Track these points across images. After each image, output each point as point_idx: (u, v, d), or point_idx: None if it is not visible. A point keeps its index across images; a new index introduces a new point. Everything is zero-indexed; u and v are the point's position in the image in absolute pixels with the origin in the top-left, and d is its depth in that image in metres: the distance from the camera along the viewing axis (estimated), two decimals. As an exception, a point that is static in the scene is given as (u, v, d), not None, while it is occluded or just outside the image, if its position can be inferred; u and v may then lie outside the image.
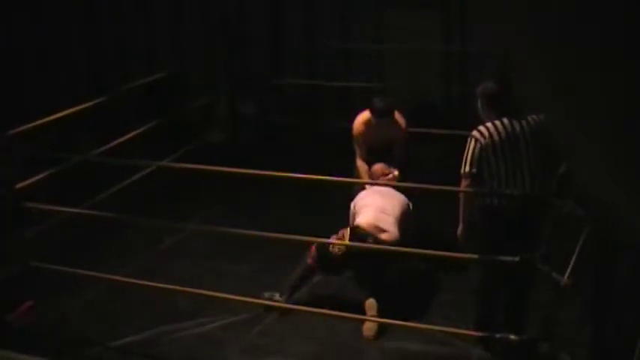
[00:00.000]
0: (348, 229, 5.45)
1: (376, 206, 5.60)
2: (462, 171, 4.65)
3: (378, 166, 6.04)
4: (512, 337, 4.75)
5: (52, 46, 9.55)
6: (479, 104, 4.78)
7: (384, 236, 5.41)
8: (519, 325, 4.79)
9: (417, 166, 7.40)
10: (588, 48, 1.44)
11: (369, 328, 5.18)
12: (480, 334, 4.86)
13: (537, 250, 4.58)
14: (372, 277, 5.44)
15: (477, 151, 4.59)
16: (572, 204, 4.81)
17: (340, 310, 5.18)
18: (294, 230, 6.00)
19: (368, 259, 5.36)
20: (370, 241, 5.34)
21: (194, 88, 9.16)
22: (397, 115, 6.27)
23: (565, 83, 1.45)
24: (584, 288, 4.78)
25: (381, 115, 6.11)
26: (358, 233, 5.38)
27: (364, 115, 6.26)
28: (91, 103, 6.70)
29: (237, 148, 8.38)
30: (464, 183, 4.67)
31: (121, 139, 6.93)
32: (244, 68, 9.21)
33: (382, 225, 5.46)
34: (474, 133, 4.63)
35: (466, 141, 4.77)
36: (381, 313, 5.21)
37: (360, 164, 6.30)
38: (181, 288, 5.36)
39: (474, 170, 4.59)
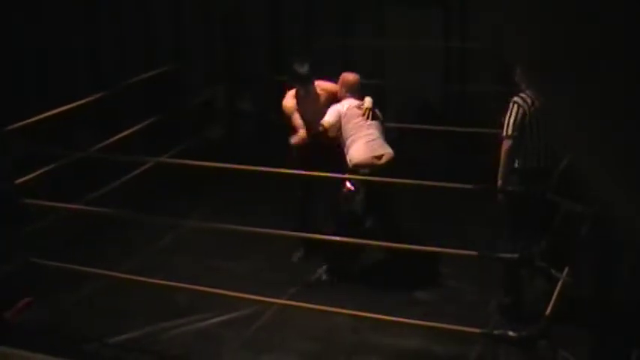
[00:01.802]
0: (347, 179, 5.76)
1: (363, 135, 5.83)
2: (505, 133, 4.91)
3: (351, 76, 6.16)
4: (510, 333, 4.75)
5: (52, 44, 9.53)
6: (518, 70, 4.96)
7: (381, 162, 5.75)
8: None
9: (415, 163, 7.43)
10: (588, 47, 1.43)
11: None
12: (478, 330, 4.86)
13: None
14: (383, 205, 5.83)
15: (520, 115, 4.87)
16: (572, 202, 4.81)
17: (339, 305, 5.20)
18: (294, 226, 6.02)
19: (377, 193, 5.72)
20: (367, 172, 5.69)
21: (193, 85, 9.15)
22: (323, 84, 6.21)
23: (565, 82, 1.45)
24: (584, 286, 4.78)
25: (305, 80, 6.03)
26: (360, 173, 5.72)
27: (292, 91, 6.16)
28: (90, 99, 6.69)
29: (237, 145, 8.37)
30: (506, 145, 4.92)
31: (121, 135, 6.92)
32: (243, 65, 9.20)
33: (376, 152, 5.78)
34: (516, 99, 4.90)
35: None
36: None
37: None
38: (180, 284, 5.36)
39: (516, 133, 4.86)
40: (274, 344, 5.15)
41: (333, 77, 6.99)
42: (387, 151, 5.82)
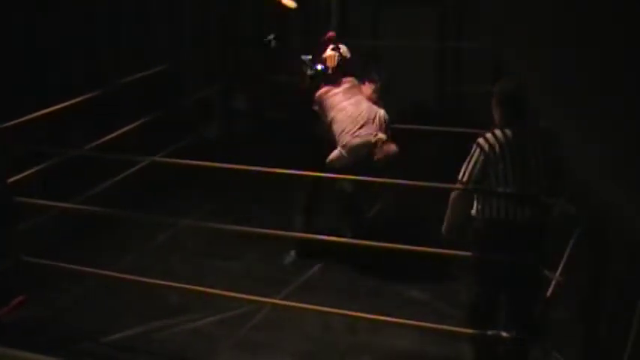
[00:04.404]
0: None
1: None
2: (460, 177, 4.42)
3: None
4: (504, 334, 4.75)
5: (50, 44, 9.50)
6: (493, 102, 4.47)
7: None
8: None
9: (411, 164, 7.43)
10: (588, 47, 1.44)
11: None
12: (472, 330, 4.85)
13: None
14: None
15: (480, 161, 4.35)
16: (566, 202, 4.81)
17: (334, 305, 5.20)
18: (288, 226, 6.02)
19: None
20: None
21: (190, 85, 9.15)
22: None
23: (565, 83, 1.45)
24: (578, 287, 4.78)
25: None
26: None
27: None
28: (86, 97, 6.67)
29: (232, 144, 8.36)
30: (457, 191, 4.46)
31: (116, 133, 6.91)
32: (239, 64, 9.20)
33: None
34: (481, 141, 4.37)
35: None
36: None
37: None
38: (174, 283, 5.35)
39: (472, 180, 4.37)
40: (268, 344, 5.14)
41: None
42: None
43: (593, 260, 4.68)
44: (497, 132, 4.37)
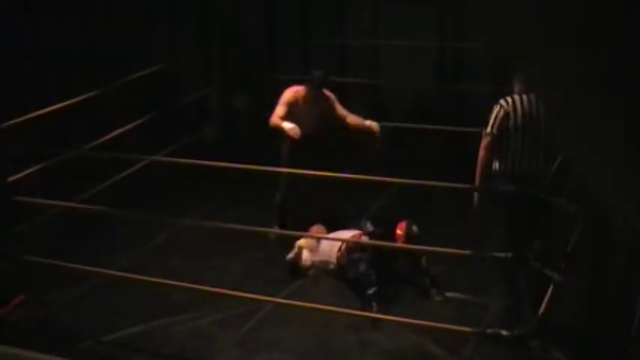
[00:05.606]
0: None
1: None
2: (485, 131, 4.94)
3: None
4: (504, 332, 4.76)
5: (47, 44, 9.51)
6: (514, 83, 5.02)
7: None
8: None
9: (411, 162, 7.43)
10: (588, 45, 1.44)
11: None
12: (471, 329, 4.86)
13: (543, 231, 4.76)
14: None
15: (501, 115, 4.89)
16: (567, 201, 4.82)
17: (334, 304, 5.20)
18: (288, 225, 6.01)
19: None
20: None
21: (189, 84, 9.15)
22: (330, 95, 6.43)
23: (564, 81, 1.45)
24: (578, 285, 4.79)
25: (318, 85, 6.29)
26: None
27: (294, 87, 6.41)
28: (85, 96, 6.68)
29: (232, 144, 8.37)
30: (485, 141, 4.94)
31: (116, 133, 6.91)
32: (239, 64, 9.20)
33: None
34: (501, 101, 4.94)
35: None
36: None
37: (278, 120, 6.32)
38: (174, 282, 5.35)
39: (495, 131, 4.89)
40: (269, 342, 5.14)
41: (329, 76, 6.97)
42: None
43: (593, 260, 4.69)
44: (516, 97, 4.95)
